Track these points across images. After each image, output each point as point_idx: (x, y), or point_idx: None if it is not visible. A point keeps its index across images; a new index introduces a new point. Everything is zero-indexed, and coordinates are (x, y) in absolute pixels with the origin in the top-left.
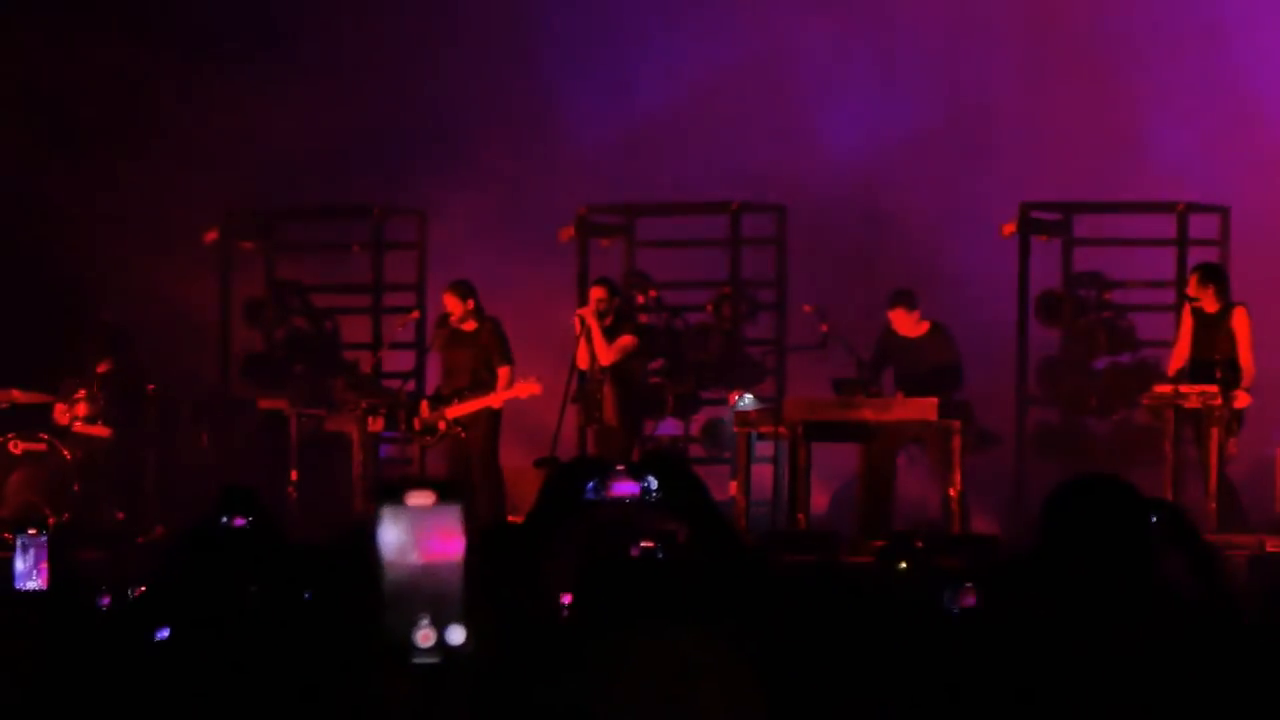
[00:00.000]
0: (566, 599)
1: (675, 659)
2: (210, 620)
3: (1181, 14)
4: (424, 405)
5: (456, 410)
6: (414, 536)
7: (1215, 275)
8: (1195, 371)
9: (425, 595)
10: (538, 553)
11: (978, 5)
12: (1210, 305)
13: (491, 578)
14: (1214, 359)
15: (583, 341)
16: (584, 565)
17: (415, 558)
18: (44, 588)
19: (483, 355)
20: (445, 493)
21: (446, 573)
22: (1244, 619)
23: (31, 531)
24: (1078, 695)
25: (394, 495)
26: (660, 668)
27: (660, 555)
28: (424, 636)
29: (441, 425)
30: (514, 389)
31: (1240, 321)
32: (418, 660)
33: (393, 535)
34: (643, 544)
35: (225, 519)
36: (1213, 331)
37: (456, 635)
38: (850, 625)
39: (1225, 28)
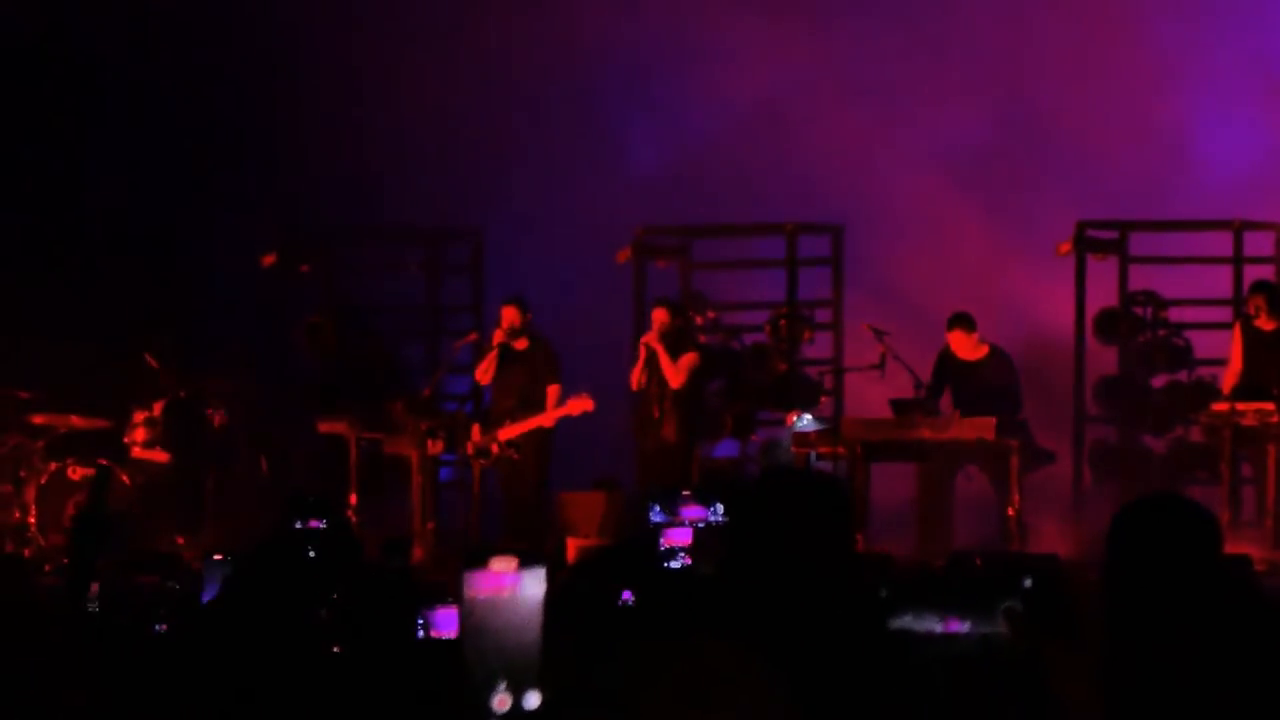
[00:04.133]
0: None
1: (710, 672)
2: (287, 632)
3: (1235, 32)
4: (475, 428)
5: (508, 432)
6: (496, 602)
7: (1272, 293)
8: (1250, 390)
9: (504, 659)
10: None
11: (1031, 23)
12: (1267, 324)
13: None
14: (1270, 378)
15: (640, 364)
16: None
17: (496, 623)
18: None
19: (533, 374)
20: (527, 559)
21: (526, 638)
22: None
23: (218, 557)
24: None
25: (477, 560)
26: (696, 679)
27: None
28: (500, 702)
29: (494, 448)
30: (565, 406)
31: None
32: None
33: (476, 599)
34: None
35: (300, 523)
36: (1269, 350)
37: (532, 700)
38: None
39: (1278, 45)
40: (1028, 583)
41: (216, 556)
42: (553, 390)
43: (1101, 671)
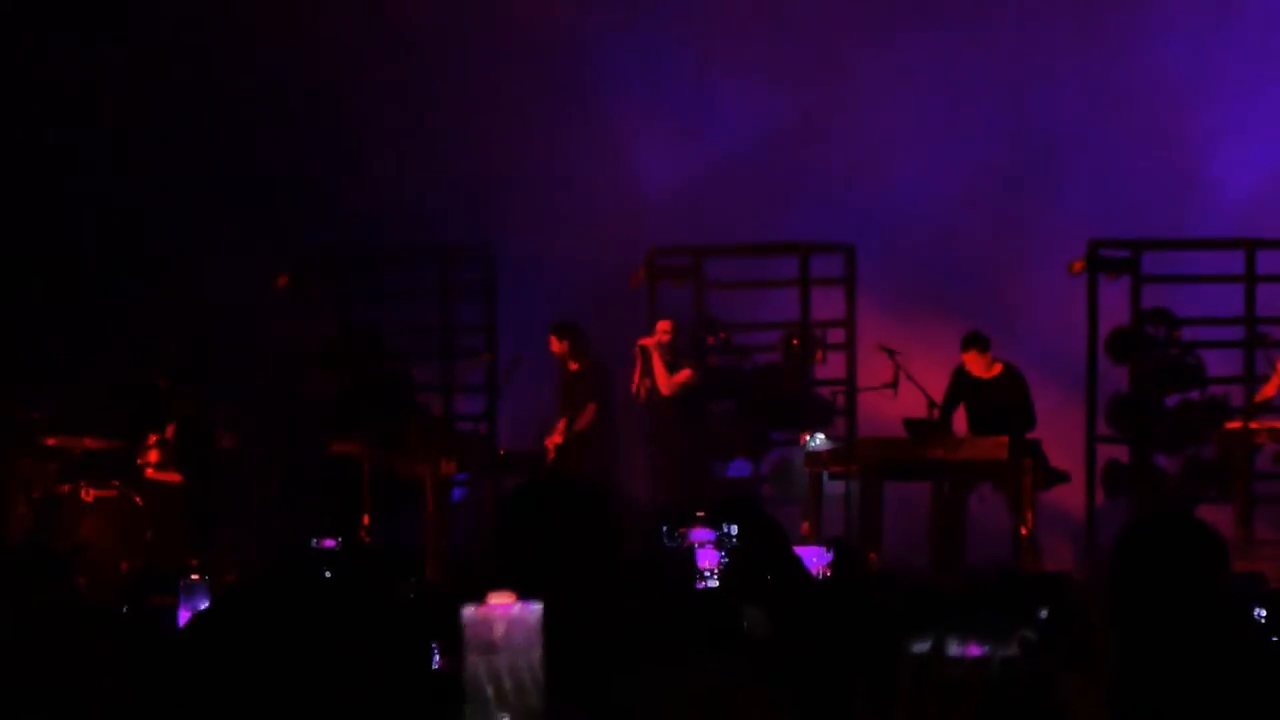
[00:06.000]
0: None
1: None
2: (298, 651)
3: (1247, 49)
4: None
5: (552, 455)
6: (495, 636)
7: None
8: None
9: (505, 695)
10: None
11: (1044, 44)
12: None
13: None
14: None
15: (638, 369)
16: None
17: (496, 658)
18: None
19: (582, 395)
20: (525, 593)
21: (526, 673)
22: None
23: (194, 576)
24: None
25: (475, 594)
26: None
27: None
28: None
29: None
30: (555, 432)
31: None
32: None
33: (474, 634)
34: None
35: (314, 541)
36: None
37: None
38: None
39: None
40: (1043, 613)
41: (194, 577)
42: (589, 408)
43: (1111, 694)
